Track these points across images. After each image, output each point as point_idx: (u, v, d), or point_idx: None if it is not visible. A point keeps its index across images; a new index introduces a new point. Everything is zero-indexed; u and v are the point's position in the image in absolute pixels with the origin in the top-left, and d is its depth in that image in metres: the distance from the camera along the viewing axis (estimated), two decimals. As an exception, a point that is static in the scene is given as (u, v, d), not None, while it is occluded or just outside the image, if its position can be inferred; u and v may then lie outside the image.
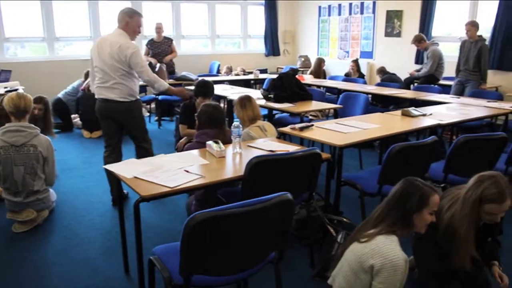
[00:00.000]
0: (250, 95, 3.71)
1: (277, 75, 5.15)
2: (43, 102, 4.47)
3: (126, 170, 2.44)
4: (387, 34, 8.60)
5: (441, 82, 6.64)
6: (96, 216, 3.66)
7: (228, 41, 10.34)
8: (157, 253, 2.05)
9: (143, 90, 7.32)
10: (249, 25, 10.31)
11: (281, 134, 3.48)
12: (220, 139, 2.86)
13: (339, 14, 9.59)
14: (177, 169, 2.47)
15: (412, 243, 2.24)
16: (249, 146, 3.00)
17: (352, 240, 1.96)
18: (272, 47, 10.44)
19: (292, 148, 2.90)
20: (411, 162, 2.88)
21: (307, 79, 7.59)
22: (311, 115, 6.01)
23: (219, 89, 5.75)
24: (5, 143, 3.29)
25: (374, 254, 1.81)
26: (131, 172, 2.41)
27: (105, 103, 3.68)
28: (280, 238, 1.98)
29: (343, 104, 5.17)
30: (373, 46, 8.94)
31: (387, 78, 7.23)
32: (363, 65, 8.57)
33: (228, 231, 1.75)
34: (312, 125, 3.55)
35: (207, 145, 2.85)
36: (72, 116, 6.81)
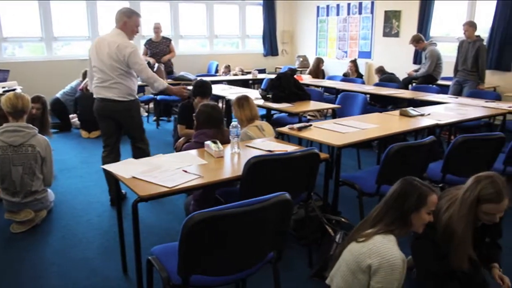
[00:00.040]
0: (248, 95, 3.71)
1: (276, 75, 5.15)
2: (41, 101, 4.47)
3: (124, 170, 2.44)
4: (385, 34, 8.61)
5: (439, 82, 6.65)
6: (94, 216, 3.66)
7: (227, 41, 10.34)
8: (155, 253, 2.05)
9: (141, 90, 7.33)
10: (247, 25, 10.31)
11: (280, 134, 3.48)
12: (218, 139, 2.86)
13: (338, 14, 9.60)
14: (175, 169, 2.47)
15: (411, 243, 2.24)
16: (247, 146, 3.00)
17: (350, 240, 1.96)
18: (271, 47, 10.44)
19: (290, 148, 2.90)
20: (409, 162, 2.89)
21: (306, 79, 7.59)
22: (309, 115, 6.02)
23: (217, 89, 5.75)
24: (3, 143, 3.28)
25: (371, 254, 1.81)
26: (129, 172, 2.41)
27: (103, 103, 3.68)
28: (278, 238, 1.98)
29: (341, 104, 5.17)
30: (371, 46, 8.95)
31: (386, 78, 7.25)
32: (361, 65, 8.58)
33: (226, 231, 1.75)
34: (311, 125, 3.55)
35: (206, 145, 2.85)
36: (70, 116, 6.79)
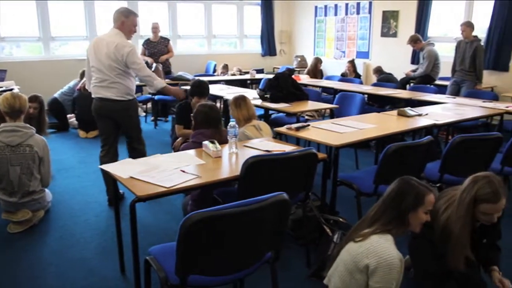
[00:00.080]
0: (245, 95, 3.71)
1: (274, 75, 5.15)
2: (38, 101, 4.46)
3: (122, 170, 2.44)
4: (383, 34, 8.63)
5: (437, 82, 6.66)
6: (92, 216, 3.65)
7: (225, 41, 10.34)
8: (153, 253, 2.05)
9: (139, 90, 7.31)
10: (246, 25, 10.32)
11: (277, 134, 3.48)
12: (216, 139, 2.86)
13: (336, 14, 9.61)
14: (173, 169, 2.46)
15: (408, 243, 2.25)
16: (245, 146, 3.00)
17: (347, 240, 1.96)
18: (269, 47, 10.45)
19: (288, 148, 2.90)
20: (407, 162, 2.89)
21: (303, 79, 7.59)
22: (307, 115, 6.01)
23: (215, 89, 5.74)
24: (1, 143, 3.27)
25: (368, 254, 1.81)
26: (127, 172, 2.41)
27: (102, 102, 3.68)
28: (276, 238, 1.98)
29: (339, 104, 5.18)
30: (369, 46, 8.97)
31: (383, 78, 7.26)
32: (359, 65, 8.59)
33: (224, 231, 1.75)
34: (308, 125, 3.55)
35: (203, 145, 2.85)
36: (68, 116, 6.78)
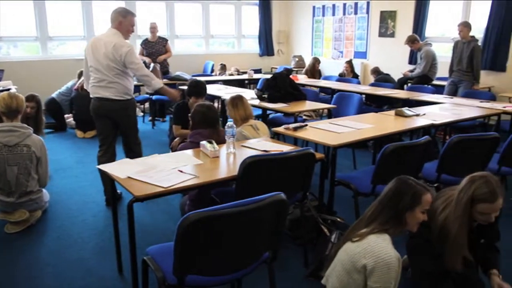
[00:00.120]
0: (242, 94, 3.71)
1: (271, 75, 5.15)
2: (35, 100, 4.45)
3: (120, 170, 2.43)
4: (381, 34, 8.63)
5: (435, 82, 6.68)
6: (90, 216, 3.65)
7: (222, 41, 10.33)
8: (151, 253, 2.04)
9: (137, 89, 7.29)
10: (243, 25, 10.31)
11: (275, 134, 3.48)
12: (214, 139, 2.86)
13: (333, 14, 9.62)
14: (171, 169, 2.46)
15: (406, 243, 2.25)
16: (243, 146, 3.00)
17: (345, 240, 1.96)
18: (266, 47, 10.44)
19: (286, 148, 2.90)
20: (405, 162, 2.90)
21: (301, 79, 7.60)
22: (305, 115, 6.02)
23: (213, 89, 5.74)
24: (-2, 143, 3.27)
25: (366, 254, 1.81)
26: (125, 172, 2.40)
27: (100, 102, 3.68)
28: (274, 238, 1.98)
29: (337, 104, 5.18)
30: (367, 46, 8.97)
31: (381, 79, 7.27)
32: (357, 65, 8.60)
33: (222, 231, 1.75)
34: (306, 125, 3.55)
35: (201, 145, 2.85)
36: (66, 116, 6.77)
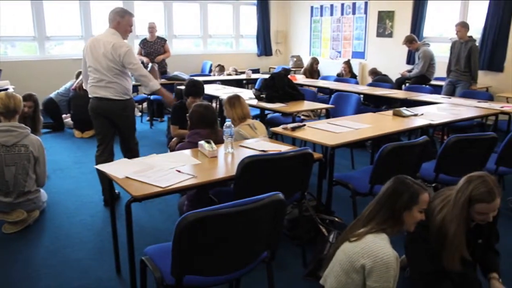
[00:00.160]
0: (239, 94, 3.71)
1: (269, 75, 5.15)
2: (33, 99, 4.44)
3: (118, 170, 2.43)
4: (378, 34, 8.64)
5: (432, 82, 6.69)
6: (88, 216, 3.64)
7: (220, 41, 10.33)
8: (149, 254, 2.04)
9: (135, 89, 7.28)
10: (241, 25, 10.31)
11: (273, 134, 3.48)
12: (212, 139, 2.86)
13: (331, 14, 9.63)
14: (169, 169, 2.46)
15: (404, 243, 2.25)
16: (241, 146, 3.00)
17: (343, 240, 1.96)
18: (264, 47, 10.44)
19: (284, 148, 2.90)
20: (403, 162, 2.90)
21: (299, 79, 7.60)
22: (303, 115, 6.03)
23: (211, 89, 5.74)
24: (-4, 143, 3.26)
25: (364, 254, 1.82)
26: (123, 172, 2.40)
27: (99, 102, 3.68)
28: (272, 238, 1.98)
29: (335, 104, 5.18)
30: (365, 47, 8.98)
31: (379, 80, 7.26)
32: (355, 65, 8.60)
33: (220, 231, 1.75)
34: (304, 125, 3.56)
35: (199, 145, 2.85)
36: (63, 115, 6.76)
